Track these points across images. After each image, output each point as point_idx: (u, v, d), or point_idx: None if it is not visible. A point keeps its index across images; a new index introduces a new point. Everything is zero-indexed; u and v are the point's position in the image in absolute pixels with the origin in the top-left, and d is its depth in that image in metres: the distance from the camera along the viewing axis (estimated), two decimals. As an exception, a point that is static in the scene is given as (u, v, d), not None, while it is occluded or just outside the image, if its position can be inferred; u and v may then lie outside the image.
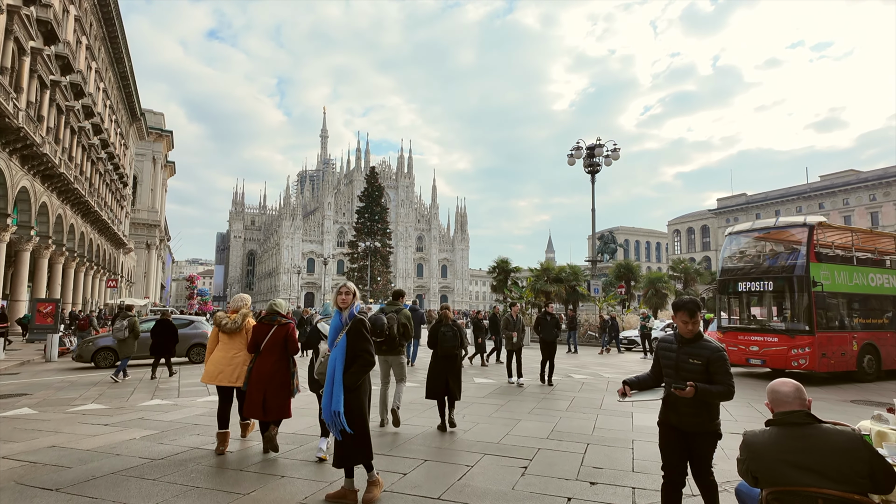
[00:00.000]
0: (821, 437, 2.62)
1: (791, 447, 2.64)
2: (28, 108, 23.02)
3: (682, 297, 3.77)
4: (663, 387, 3.77)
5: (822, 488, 2.48)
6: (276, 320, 5.96)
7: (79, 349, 15.84)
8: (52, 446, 6.34)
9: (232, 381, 6.05)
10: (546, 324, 11.88)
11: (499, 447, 6.31)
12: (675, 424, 3.71)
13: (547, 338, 11.74)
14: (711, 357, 3.56)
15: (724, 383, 3.51)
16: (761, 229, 14.34)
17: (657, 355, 3.92)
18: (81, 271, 37.38)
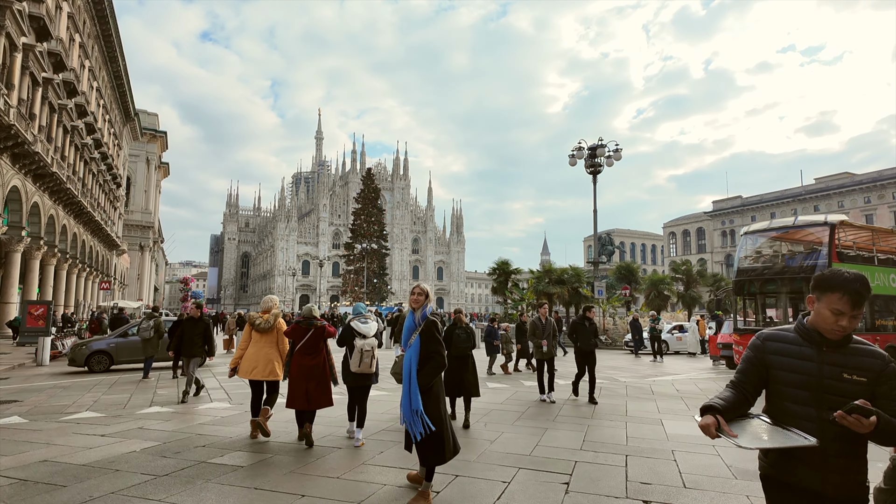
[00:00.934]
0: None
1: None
2: (20, 106, 22.37)
3: (837, 272, 2.28)
4: (788, 429, 2.21)
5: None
6: (313, 324, 6.63)
7: (72, 353, 15.24)
8: (44, 461, 5.80)
9: (265, 376, 6.79)
10: (584, 330, 9.90)
11: (532, 460, 5.84)
12: (807, 485, 2.24)
13: (586, 347, 9.90)
14: (883, 372, 2.16)
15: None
16: (779, 228, 13.96)
17: (761, 362, 2.38)
18: (74, 273, 36.60)
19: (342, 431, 7.09)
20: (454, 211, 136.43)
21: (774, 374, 2.34)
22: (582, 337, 9.90)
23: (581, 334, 9.93)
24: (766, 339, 2.43)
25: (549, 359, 10.04)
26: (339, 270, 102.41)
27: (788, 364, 2.31)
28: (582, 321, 9.99)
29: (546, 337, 10.04)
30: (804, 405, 2.24)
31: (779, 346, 2.37)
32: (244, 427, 7.46)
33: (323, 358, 6.58)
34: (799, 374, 2.27)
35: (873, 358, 2.20)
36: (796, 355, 2.30)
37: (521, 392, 10.92)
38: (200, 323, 10.48)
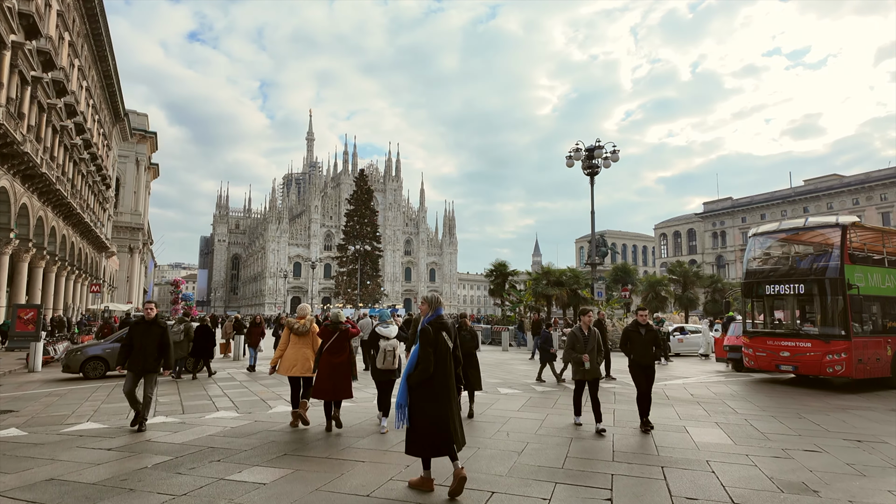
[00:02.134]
0: None
1: None
2: (8, 105, 21.80)
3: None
4: None
5: None
6: (339, 327, 7.77)
7: (66, 358, 14.76)
8: (50, 479, 5.45)
9: (303, 373, 7.90)
10: (639, 339, 8.02)
11: (566, 473, 5.60)
12: None
13: (643, 360, 7.99)
14: None
15: None
16: (789, 230, 13.87)
17: None
18: (63, 276, 35.85)
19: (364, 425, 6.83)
20: (446, 212, 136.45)
21: None
22: (638, 347, 8.01)
23: (637, 344, 8.02)
24: None
25: (594, 380, 7.97)
26: (332, 272, 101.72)
27: None
28: (636, 328, 8.11)
29: (589, 351, 7.87)
30: None
31: None
32: (257, 438, 7.17)
33: (347, 356, 7.73)
34: None
35: None
36: None
37: (538, 399, 10.67)
38: (154, 328, 8.00)
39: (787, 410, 9.63)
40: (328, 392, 7.46)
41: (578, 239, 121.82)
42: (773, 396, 11.41)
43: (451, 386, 5.05)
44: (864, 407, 10.20)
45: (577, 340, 8.00)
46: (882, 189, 71.34)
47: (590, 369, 7.84)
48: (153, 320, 8.08)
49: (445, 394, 4.96)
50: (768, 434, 7.66)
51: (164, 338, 8.09)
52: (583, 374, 7.92)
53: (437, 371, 5.00)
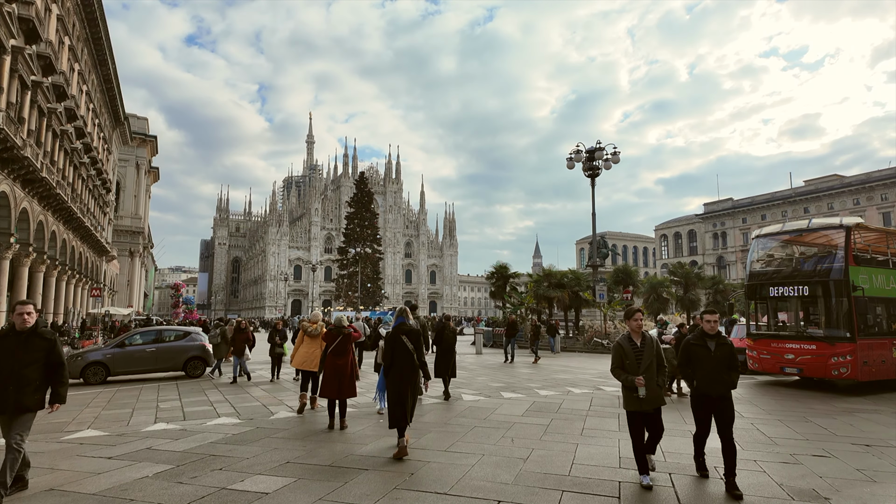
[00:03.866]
0: None
1: None
2: (8, 109, 21.76)
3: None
4: None
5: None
6: (342, 331, 8.24)
7: (67, 364, 14.68)
8: (50, 489, 5.39)
9: (313, 367, 9.31)
10: (709, 358, 5.60)
11: (573, 481, 5.53)
12: None
13: (713, 388, 5.54)
14: None
15: None
16: (792, 231, 13.79)
17: None
18: (63, 280, 35.78)
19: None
20: (446, 214, 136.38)
21: None
22: (706, 369, 5.49)
23: (704, 365, 5.51)
24: None
25: (655, 410, 5.56)
26: (332, 275, 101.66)
27: None
28: (701, 341, 5.62)
29: (645, 370, 5.45)
30: None
31: None
32: (259, 445, 7.11)
33: (350, 358, 8.17)
34: None
35: None
36: None
37: (542, 404, 10.59)
38: (37, 341, 5.22)
39: (793, 414, 9.55)
40: (333, 392, 7.94)
41: (579, 240, 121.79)
42: (779, 399, 11.32)
43: (407, 375, 6.61)
44: (870, 410, 10.12)
45: (626, 355, 5.54)
46: (883, 189, 71.29)
47: (648, 397, 5.37)
48: (31, 331, 5.23)
49: (401, 380, 6.61)
50: (775, 439, 7.58)
51: (52, 356, 5.38)
52: (637, 403, 5.41)
53: (395, 364, 6.67)
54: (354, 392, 8.23)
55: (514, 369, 17.35)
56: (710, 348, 5.55)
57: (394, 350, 6.68)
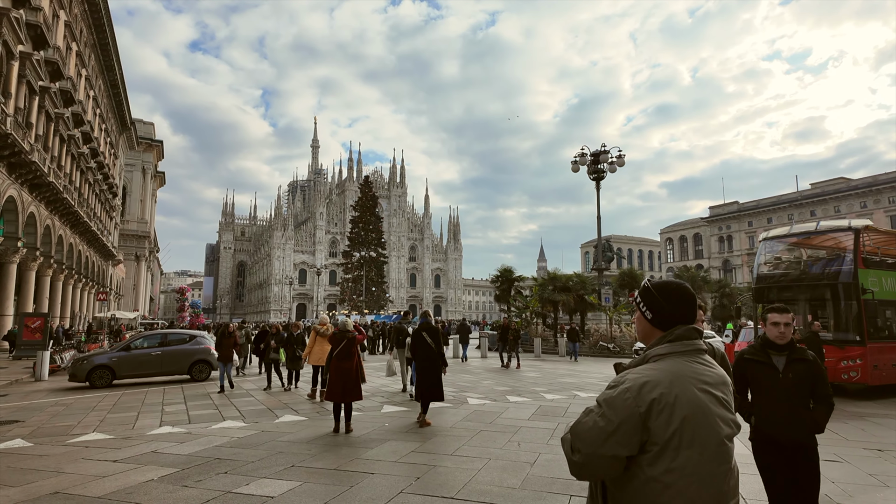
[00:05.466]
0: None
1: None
2: (17, 114, 21.94)
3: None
4: None
5: None
6: (346, 335, 8.36)
7: (73, 368, 14.75)
8: (55, 493, 5.37)
9: (322, 363, 10.67)
10: (777, 382, 3.61)
11: (581, 485, 5.44)
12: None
13: (782, 430, 3.57)
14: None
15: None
16: (800, 234, 13.67)
17: None
18: (70, 284, 35.99)
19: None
20: (451, 218, 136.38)
21: None
22: (766, 396, 3.65)
23: (762, 388, 3.69)
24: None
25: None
26: (337, 279, 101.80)
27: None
28: (763, 355, 3.69)
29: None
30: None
31: None
32: (265, 449, 7.08)
33: (355, 362, 8.26)
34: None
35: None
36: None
37: (548, 409, 10.52)
38: None
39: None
40: (338, 395, 8.02)
41: (584, 244, 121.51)
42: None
43: (429, 363, 8.62)
44: (881, 414, 9.99)
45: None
46: (890, 192, 70.82)
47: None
48: None
49: (425, 367, 8.62)
50: (786, 443, 7.48)
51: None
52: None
53: (419, 354, 8.74)
54: (360, 395, 8.28)
55: (520, 373, 17.26)
56: (778, 367, 3.51)
57: (417, 343, 8.79)
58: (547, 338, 30.02)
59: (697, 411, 1.65)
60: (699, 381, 1.70)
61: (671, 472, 1.62)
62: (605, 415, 1.67)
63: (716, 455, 1.65)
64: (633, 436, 1.64)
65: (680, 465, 1.62)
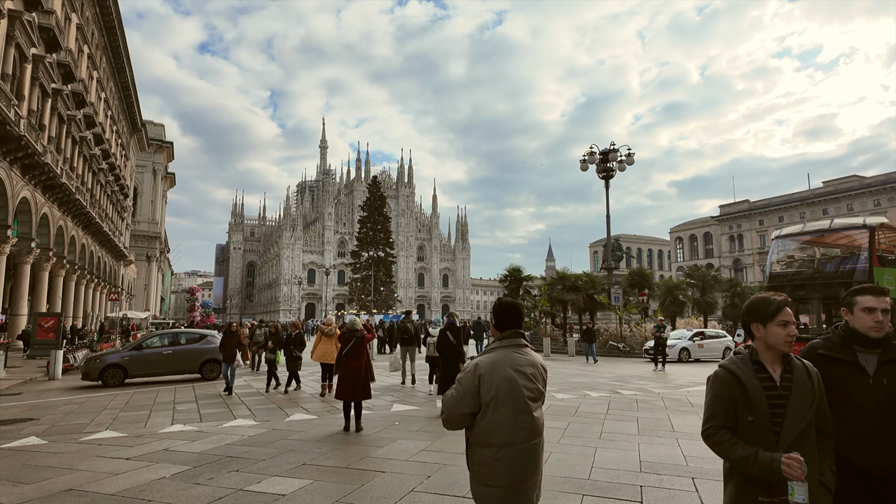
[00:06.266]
0: None
1: None
2: (30, 117, 22.20)
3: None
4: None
5: None
6: (355, 334, 8.37)
7: (86, 366, 14.91)
8: (69, 489, 5.42)
9: (330, 361, 11.16)
10: (863, 393, 2.49)
11: (594, 485, 5.42)
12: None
13: (874, 464, 2.46)
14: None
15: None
16: (814, 232, 13.52)
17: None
18: (82, 284, 36.37)
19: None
20: (458, 218, 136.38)
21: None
22: (853, 411, 2.51)
23: (847, 399, 2.52)
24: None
25: None
26: (345, 279, 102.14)
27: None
28: (849, 353, 2.56)
29: (794, 441, 2.20)
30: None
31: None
32: (276, 447, 7.10)
33: (364, 361, 8.26)
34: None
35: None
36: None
37: (560, 408, 10.47)
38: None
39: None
40: (347, 394, 8.04)
41: (592, 243, 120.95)
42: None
43: (451, 359, 9.43)
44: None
45: (747, 400, 2.27)
46: (904, 190, 69.82)
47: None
48: None
49: (448, 364, 9.42)
50: (800, 443, 7.39)
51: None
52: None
53: (443, 351, 9.74)
54: (369, 394, 8.27)
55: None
56: (868, 370, 2.53)
57: (442, 342, 9.84)
58: (556, 337, 29.91)
59: (507, 383, 2.63)
60: (512, 363, 2.70)
61: (493, 421, 2.61)
62: (457, 388, 2.71)
63: (521, 409, 2.64)
64: (472, 400, 2.65)
65: (498, 416, 2.61)
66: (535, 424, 2.69)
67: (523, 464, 2.64)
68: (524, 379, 2.68)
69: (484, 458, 2.65)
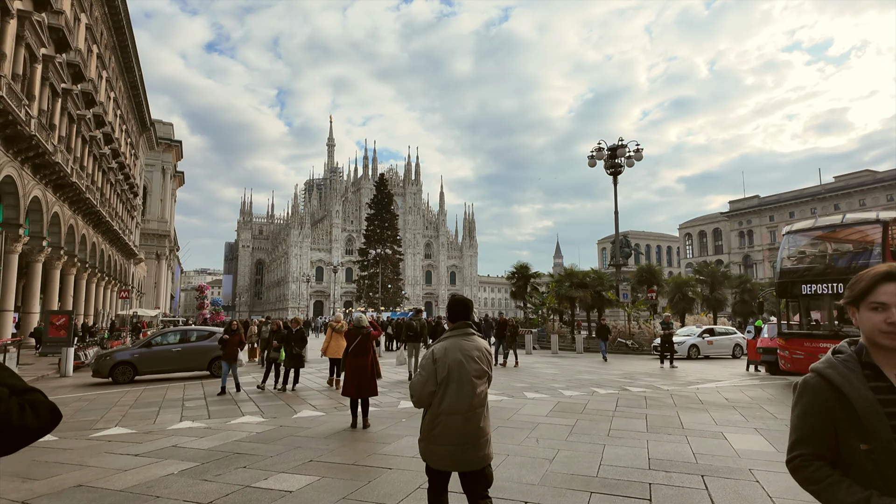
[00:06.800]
0: None
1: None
2: (40, 116, 22.39)
3: None
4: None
5: None
6: (361, 330, 8.32)
7: (96, 363, 15.04)
8: (78, 485, 5.45)
9: (339, 356, 11.34)
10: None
11: (602, 482, 5.37)
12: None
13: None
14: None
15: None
16: (826, 227, 13.33)
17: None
18: (93, 282, 36.71)
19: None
20: (465, 215, 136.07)
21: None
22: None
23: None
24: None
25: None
26: (353, 276, 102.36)
27: None
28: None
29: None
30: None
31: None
32: (283, 444, 7.11)
33: (371, 357, 8.22)
34: None
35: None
36: None
37: (567, 405, 10.42)
38: None
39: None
40: (353, 391, 8.06)
41: (601, 240, 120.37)
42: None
43: None
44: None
45: (863, 420, 1.51)
46: (918, 184, 68.83)
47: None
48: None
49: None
50: (812, 441, 7.28)
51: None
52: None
53: None
54: (375, 391, 8.24)
55: (537, 369, 17.15)
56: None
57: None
58: (564, 334, 29.80)
59: (456, 364, 3.36)
60: (460, 348, 3.43)
61: (444, 395, 3.34)
62: (421, 374, 3.43)
63: (467, 384, 3.36)
64: (433, 379, 3.36)
65: (448, 391, 3.34)
66: (477, 397, 3.40)
67: (467, 427, 3.34)
68: (470, 361, 3.39)
69: (435, 422, 3.37)
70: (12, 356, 16.23)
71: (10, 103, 18.36)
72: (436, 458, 3.41)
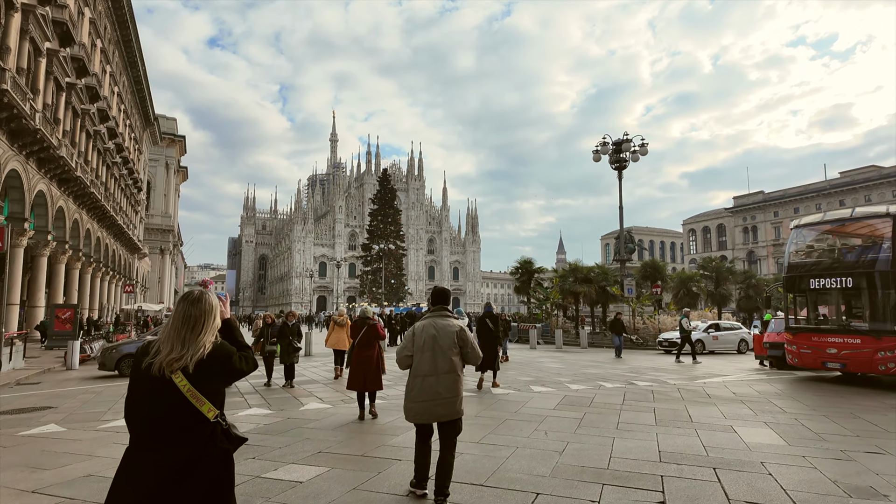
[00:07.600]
0: None
1: None
2: (45, 111, 22.39)
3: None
4: None
5: None
6: (366, 322, 8.43)
7: (102, 356, 15.07)
8: (88, 475, 5.45)
9: (342, 347, 12.30)
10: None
11: (613, 474, 5.34)
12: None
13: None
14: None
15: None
16: (834, 221, 13.24)
17: None
18: (98, 277, 36.80)
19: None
20: (468, 211, 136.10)
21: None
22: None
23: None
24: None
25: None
26: (356, 271, 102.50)
27: None
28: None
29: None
30: None
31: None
32: (291, 435, 7.10)
33: (376, 350, 8.28)
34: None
35: None
36: None
37: (574, 398, 10.38)
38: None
39: (839, 410, 9.14)
40: (359, 384, 8.12)
41: (604, 236, 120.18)
42: (822, 395, 10.88)
43: (489, 342, 11.27)
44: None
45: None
46: (925, 180, 68.40)
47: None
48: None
49: (486, 346, 10.99)
50: (823, 434, 7.24)
51: None
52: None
53: (481, 336, 11.36)
54: (380, 385, 8.27)
55: (542, 363, 17.13)
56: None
57: (481, 327, 11.40)
58: (568, 329, 29.77)
59: (430, 338, 4.53)
60: (434, 325, 4.59)
61: (420, 361, 4.51)
62: (403, 343, 4.72)
63: (439, 353, 4.48)
64: (411, 346, 4.58)
65: (423, 358, 4.50)
66: (448, 363, 4.47)
67: (437, 387, 4.40)
68: (443, 335, 4.53)
69: (413, 384, 4.50)
70: (18, 349, 16.29)
71: (14, 97, 18.35)
72: (413, 414, 4.51)
